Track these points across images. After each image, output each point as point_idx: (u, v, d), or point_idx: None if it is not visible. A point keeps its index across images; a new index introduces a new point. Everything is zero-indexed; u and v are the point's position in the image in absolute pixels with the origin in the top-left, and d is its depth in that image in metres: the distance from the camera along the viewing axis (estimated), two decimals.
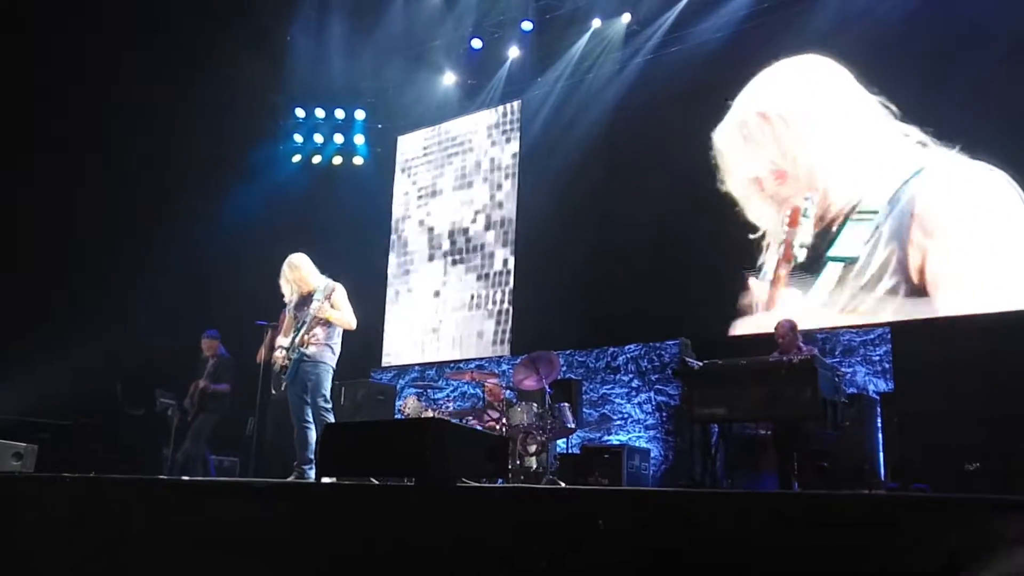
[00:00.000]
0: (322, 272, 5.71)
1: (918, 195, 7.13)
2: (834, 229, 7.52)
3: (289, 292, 5.65)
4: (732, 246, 7.97)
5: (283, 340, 5.58)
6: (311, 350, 5.42)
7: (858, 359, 7.15)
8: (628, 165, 8.81)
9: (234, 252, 9.60)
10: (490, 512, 2.91)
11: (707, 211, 8.10)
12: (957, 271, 6.83)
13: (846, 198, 7.48)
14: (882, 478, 5.97)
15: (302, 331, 5.44)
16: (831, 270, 7.47)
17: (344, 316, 5.54)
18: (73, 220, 8.92)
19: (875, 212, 7.31)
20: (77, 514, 4.12)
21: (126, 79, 9.14)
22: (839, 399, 5.46)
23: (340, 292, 5.58)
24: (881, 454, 6.15)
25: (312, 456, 5.30)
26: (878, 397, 6.56)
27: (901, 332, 6.67)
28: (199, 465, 7.62)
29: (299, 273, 5.60)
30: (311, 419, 5.42)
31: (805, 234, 7.73)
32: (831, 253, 7.48)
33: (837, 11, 7.80)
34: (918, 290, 6.95)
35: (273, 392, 5.65)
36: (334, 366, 5.58)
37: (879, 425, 6.26)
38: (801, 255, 7.69)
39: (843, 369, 6.69)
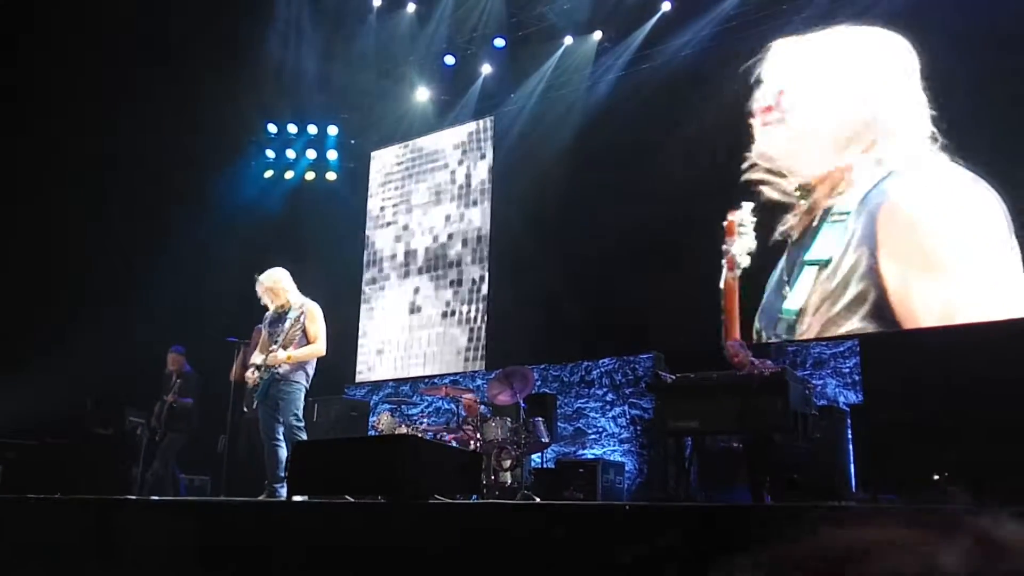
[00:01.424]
0: (299, 288, 5.67)
1: (886, 197, 7.15)
2: (814, 225, 7.55)
3: (270, 305, 5.62)
4: (704, 259, 8.03)
5: (256, 358, 5.53)
6: (283, 369, 5.38)
7: (828, 371, 7.23)
8: (600, 180, 8.86)
9: (206, 268, 9.51)
10: (464, 528, 2.90)
11: (679, 225, 8.16)
12: (922, 281, 6.82)
13: (828, 198, 7.52)
14: (853, 490, 6.02)
15: (274, 351, 5.40)
16: (807, 274, 7.48)
17: (310, 349, 5.45)
18: (38, 239, 8.80)
19: (847, 213, 7.34)
20: (42, 536, 4.05)
21: (89, 94, 9.06)
22: (810, 411, 5.52)
23: (313, 313, 5.52)
24: (852, 466, 6.21)
25: (283, 474, 5.25)
26: (848, 409, 6.63)
27: (870, 344, 6.76)
28: (169, 485, 7.53)
29: (274, 288, 5.56)
30: (281, 437, 5.37)
31: (744, 244, 7.81)
32: (807, 257, 7.50)
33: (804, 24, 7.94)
34: (883, 298, 6.99)
35: (245, 410, 5.61)
36: (307, 384, 5.54)
37: (849, 437, 6.33)
38: (744, 261, 7.77)
39: (813, 382, 6.75)
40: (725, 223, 7.95)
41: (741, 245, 7.88)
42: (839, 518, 2.30)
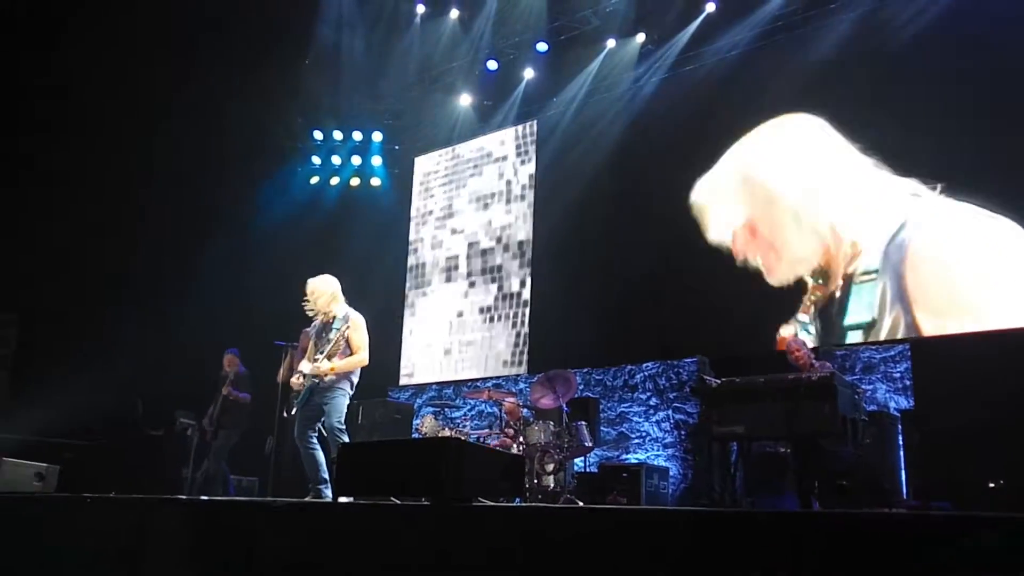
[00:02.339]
0: (344, 293, 5.75)
1: (906, 251, 7.08)
2: (837, 295, 7.45)
3: (313, 314, 5.69)
4: (745, 265, 7.93)
5: (304, 365, 5.60)
6: (329, 377, 5.45)
7: (879, 376, 7.09)
8: (644, 182, 8.82)
9: (253, 273, 9.68)
10: (507, 532, 2.90)
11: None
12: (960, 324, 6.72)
13: (845, 260, 7.46)
14: (903, 497, 5.89)
15: (319, 360, 5.47)
16: (852, 338, 7.37)
17: (354, 360, 5.51)
18: (92, 247, 9.04)
19: (875, 271, 7.26)
20: (97, 534, 4.15)
21: (144, 101, 9.29)
22: (859, 417, 5.41)
23: (356, 324, 5.58)
24: (902, 472, 6.07)
25: (326, 476, 5.32)
26: (899, 414, 6.49)
27: (921, 348, 6.60)
28: (219, 484, 7.66)
29: (320, 297, 5.63)
30: (315, 442, 5.43)
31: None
32: (847, 322, 7.39)
33: (848, 29, 7.81)
34: None
35: (286, 413, 5.68)
36: (351, 391, 5.60)
37: (900, 443, 6.19)
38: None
39: (863, 386, 6.62)
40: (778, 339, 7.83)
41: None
42: (891, 525, 2.26)
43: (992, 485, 4.90)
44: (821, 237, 7.59)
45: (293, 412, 5.55)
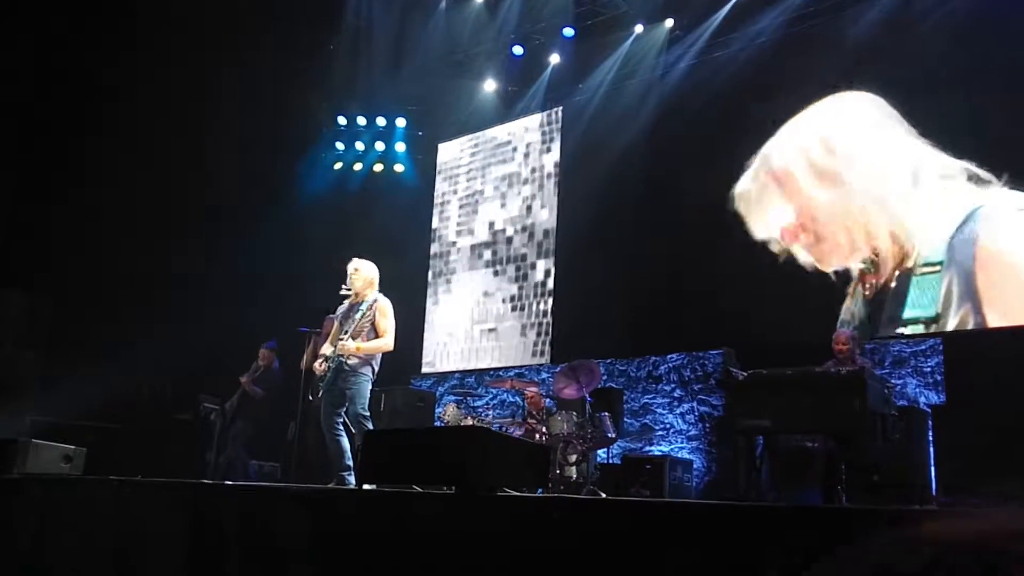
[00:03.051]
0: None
1: (976, 245, 6.72)
2: (893, 285, 7.18)
3: (349, 293, 5.72)
4: (778, 253, 7.82)
5: (327, 349, 5.63)
6: (352, 362, 5.46)
7: (909, 370, 6.96)
8: (670, 171, 8.71)
9: (277, 257, 9.72)
10: (530, 522, 2.87)
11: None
12: None
13: (901, 251, 7.18)
14: (934, 493, 5.79)
15: (344, 340, 5.48)
16: (912, 332, 7.12)
17: (379, 343, 5.55)
18: (122, 230, 9.11)
19: (939, 263, 6.92)
20: (124, 516, 4.17)
21: (171, 89, 9.32)
22: (889, 412, 5.30)
23: (384, 308, 5.62)
24: (932, 469, 5.97)
25: (350, 463, 5.33)
26: (929, 410, 6.37)
27: (953, 343, 6.49)
28: (239, 470, 7.71)
29: (361, 279, 5.66)
30: (341, 428, 5.46)
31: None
32: (907, 315, 7.10)
33: (878, 18, 7.61)
34: None
35: (310, 398, 5.70)
36: (373, 377, 5.60)
37: (931, 439, 6.08)
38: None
39: (893, 381, 6.51)
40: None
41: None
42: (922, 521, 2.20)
43: None
44: (875, 225, 7.29)
45: (319, 396, 5.58)
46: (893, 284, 7.21)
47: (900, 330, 7.13)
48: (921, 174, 7.12)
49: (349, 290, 5.68)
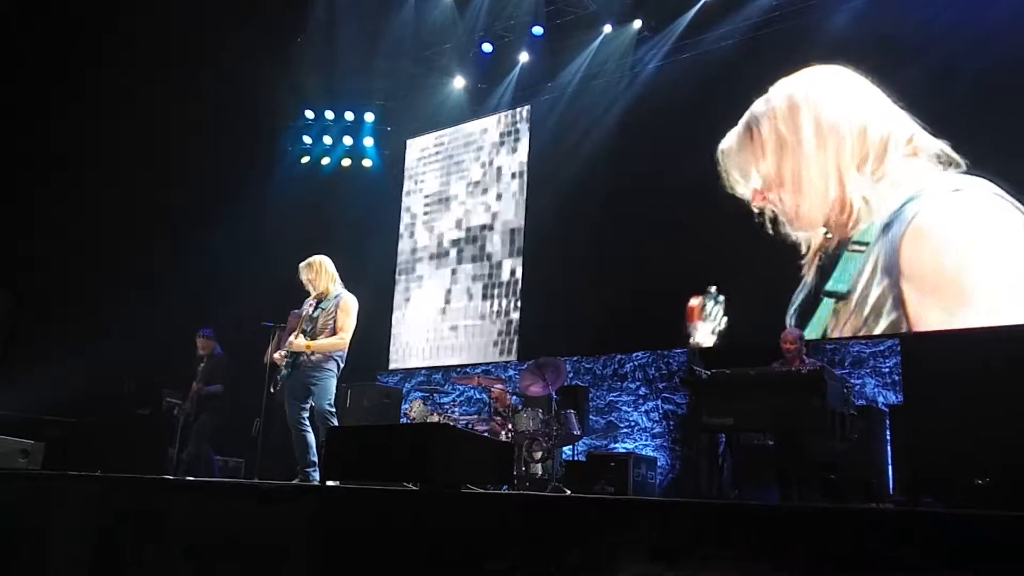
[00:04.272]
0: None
1: (907, 224, 6.95)
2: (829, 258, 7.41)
3: (311, 291, 5.67)
4: (741, 253, 7.92)
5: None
6: (315, 357, 5.42)
7: (867, 370, 7.10)
8: (637, 171, 8.78)
9: (242, 253, 9.62)
10: (494, 519, 2.89)
11: (716, 218, 8.06)
12: (947, 309, 6.66)
13: (849, 222, 7.36)
14: (891, 492, 5.91)
15: (305, 334, 5.45)
16: (824, 306, 7.35)
17: (332, 341, 5.45)
18: (85, 226, 8.96)
19: (866, 244, 7.18)
20: (82, 512, 4.11)
21: (133, 81, 9.18)
22: (848, 411, 5.40)
23: (346, 305, 5.55)
24: (890, 468, 6.09)
25: (315, 459, 5.30)
26: (887, 409, 6.51)
27: (911, 344, 6.62)
28: (202, 465, 7.63)
29: (314, 276, 5.61)
30: (307, 424, 5.42)
31: (707, 328, 7.74)
32: (827, 287, 7.34)
33: (848, 23, 7.74)
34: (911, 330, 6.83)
35: (272, 390, 5.66)
36: (337, 373, 5.57)
37: (888, 438, 6.21)
38: (708, 342, 7.74)
39: (852, 381, 6.63)
40: (686, 307, 7.91)
41: (705, 329, 7.80)
42: (877, 520, 2.25)
43: (979, 482, 4.93)
44: (832, 193, 7.49)
45: (279, 388, 5.54)
46: (826, 257, 7.44)
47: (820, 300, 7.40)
48: (890, 146, 7.26)
49: (315, 292, 5.63)
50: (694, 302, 7.92)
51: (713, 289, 7.85)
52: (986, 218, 6.61)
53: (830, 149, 7.56)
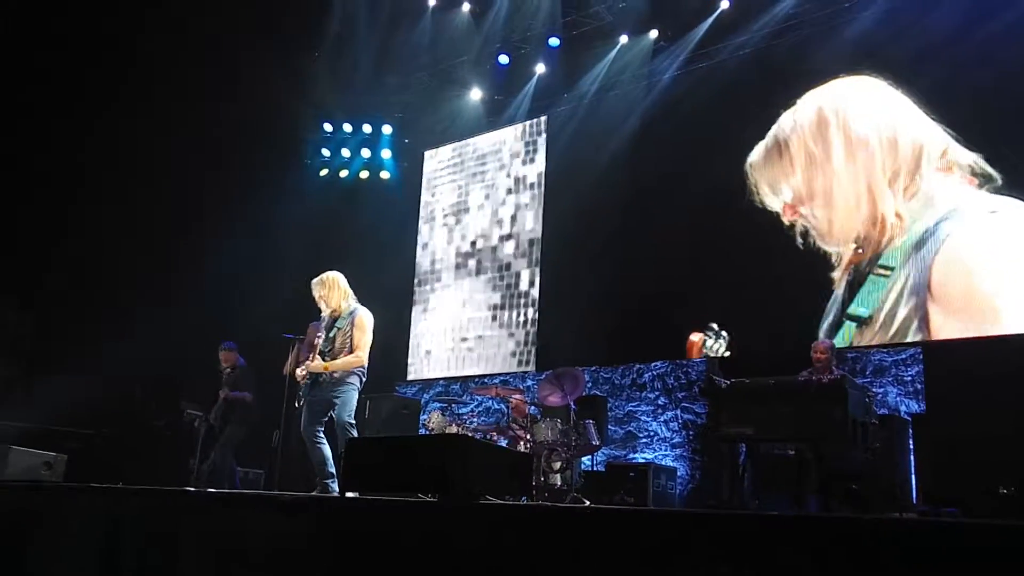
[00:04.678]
0: (352, 287, 5.72)
1: (943, 244, 6.84)
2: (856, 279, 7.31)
3: (324, 308, 5.68)
4: (760, 262, 7.87)
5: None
6: (338, 374, 5.43)
7: (889, 379, 7.03)
8: (655, 181, 8.77)
9: (262, 265, 9.68)
10: (513, 530, 2.88)
11: (736, 227, 8.02)
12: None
13: (882, 237, 7.26)
14: (913, 502, 5.84)
15: (314, 357, 5.46)
16: (847, 327, 7.28)
17: (349, 359, 5.43)
18: (103, 238, 9.06)
19: (892, 268, 7.09)
20: (105, 524, 4.14)
21: (154, 95, 9.29)
22: (869, 420, 5.36)
23: (361, 322, 5.54)
24: (913, 477, 6.02)
25: (332, 470, 5.30)
26: (910, 418, 6.43)
27: (933, 352, 6.55)
28: (225, 477, 7.66)
29: (326, 292, 5.61)
30: (322, 436, 5.41)
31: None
32: (849, 310, 7.27)
33: (868, 29, 7.69)
34: None
35: (297, 404, 5.68)
36: (359, 386, 5.57)
37: (911, 447, 6.14)
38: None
39: (874, 389, 6.57)
40: (687, 341, 7.92)
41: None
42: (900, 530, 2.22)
43: (1004, 491, 4.86)
44: (867, 207, 7.39)
45: (300, 404, 5.56)
46: (853, 278, 7.36)
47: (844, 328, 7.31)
48: (923, 161, 7.15)
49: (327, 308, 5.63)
50: (694, 338, 7.92)
51: (715, 326, 7.79)
52: (1021, 242, 6.51)
53: (860, 164, 7.47)
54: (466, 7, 10.13)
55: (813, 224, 7.69)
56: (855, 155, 7.52)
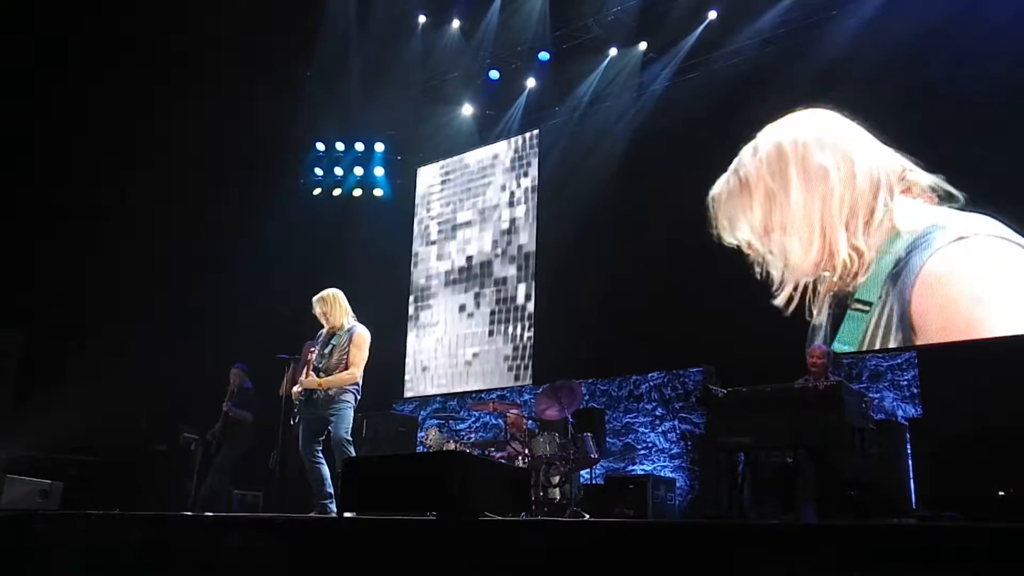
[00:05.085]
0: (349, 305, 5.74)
1: (916, 275, 6.84)
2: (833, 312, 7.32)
3: (324, 324, 5.70)
4: (754, 271, 7.89)
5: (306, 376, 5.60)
6: (332, 391, 5.43)
7: (886, 384, 7.04)
8: (647, 194, 8.79)
9: (256, 286, 9.68)
10: (513, 547, 2.88)
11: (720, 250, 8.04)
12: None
13: (856, 266, 7.26)
14: (913, 506, 5.83)
15: (318, 370, 5.47)
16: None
17: (343, 376, 5.46)
18: (96, 259, 9.05)
19: (869, 303, 7.07)
20: (103, 551, 4.12)
21: (145, 118, 9.31)
22: (867, 425, 5.36)
23: (358, 339, 5.57)
24: (912, 482, 6.02)
25: (330, 491, 5.29)
26: (907, 423, 6.43)
27: (929, 356, 6.56)
28: (222, 500, 7.63)
29: (328, 309, 5.64)
30: (321, 457, 5.41)
31: None
32: (834, 347, 7.19)
33: (849, 39, 7.75)
34: None
35: (292, 422, 5.68)
36: (355, 404, 5.57)
37: (909, 452, 6.14)
38: None
39: (871, 395, 6.58)
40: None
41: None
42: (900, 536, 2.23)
43: (1002, 494, 4.86)
44: (834, 238, 7.41)
45: (296, 421, 5.56)
46: (831, 311, 7.36)
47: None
48: (881, 191, 7.22)
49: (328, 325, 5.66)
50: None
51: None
52: (993, 266, 6.53)
53: (816, 199, 7.52)
54: (456, 24, 10.20)
55: (771, 260, 7.75)
56: (812, 190, 7.56)
